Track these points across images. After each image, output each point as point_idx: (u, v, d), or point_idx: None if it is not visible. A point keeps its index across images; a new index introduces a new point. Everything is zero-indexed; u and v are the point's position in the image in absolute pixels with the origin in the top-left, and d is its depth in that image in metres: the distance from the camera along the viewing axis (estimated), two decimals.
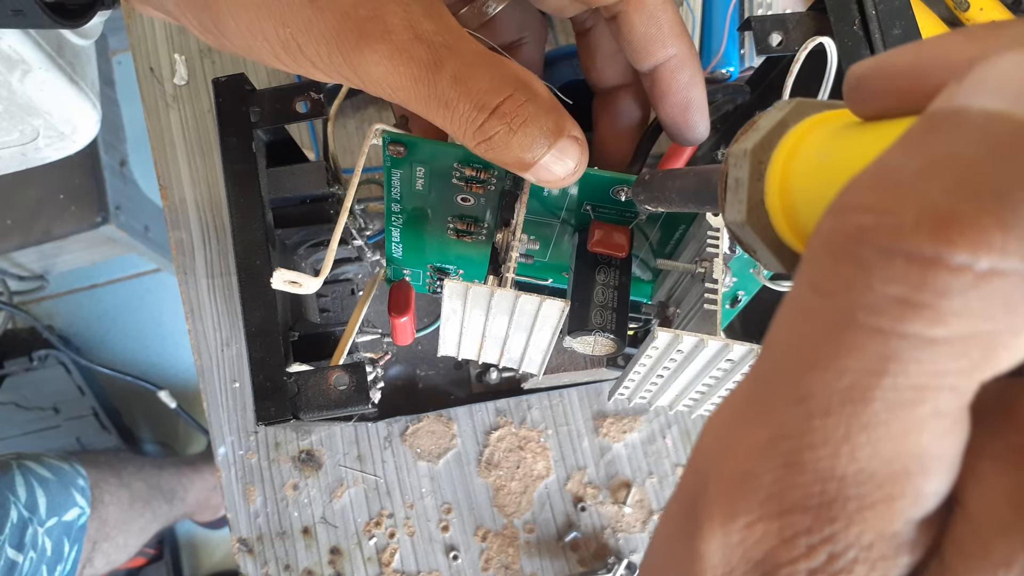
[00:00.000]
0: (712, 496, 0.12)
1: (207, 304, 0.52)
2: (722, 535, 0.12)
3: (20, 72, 0.39)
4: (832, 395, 0.11)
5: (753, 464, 0.12)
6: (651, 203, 0.27)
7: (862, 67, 0.14)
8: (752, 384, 0.13)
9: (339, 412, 0.34)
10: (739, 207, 0.17)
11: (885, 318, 0.10)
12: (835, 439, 0.11)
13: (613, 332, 0.31)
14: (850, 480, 0.11)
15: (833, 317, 0.11)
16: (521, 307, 0.28)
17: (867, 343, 0.10)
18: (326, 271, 0.28)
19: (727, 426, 0.13)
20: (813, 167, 0.15)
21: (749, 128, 0.17)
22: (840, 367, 0.11)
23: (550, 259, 0.37)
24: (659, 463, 0.52)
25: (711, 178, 0.21)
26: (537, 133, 0.24)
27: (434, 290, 0.41)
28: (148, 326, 1.26)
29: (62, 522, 0.76)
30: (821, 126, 0.16)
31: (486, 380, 0.52)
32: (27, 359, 1.09)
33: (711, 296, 0.28)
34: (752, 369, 0.13)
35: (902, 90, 0.13)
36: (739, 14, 0.52)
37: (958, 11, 0.55)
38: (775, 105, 0.17)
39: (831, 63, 0.33)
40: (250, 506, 0.50)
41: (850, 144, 0.14)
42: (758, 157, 0.16)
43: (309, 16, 0.22)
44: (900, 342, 0.10)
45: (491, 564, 0.50)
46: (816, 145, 0.15)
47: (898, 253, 0.10)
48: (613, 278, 0.32)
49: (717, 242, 0.29)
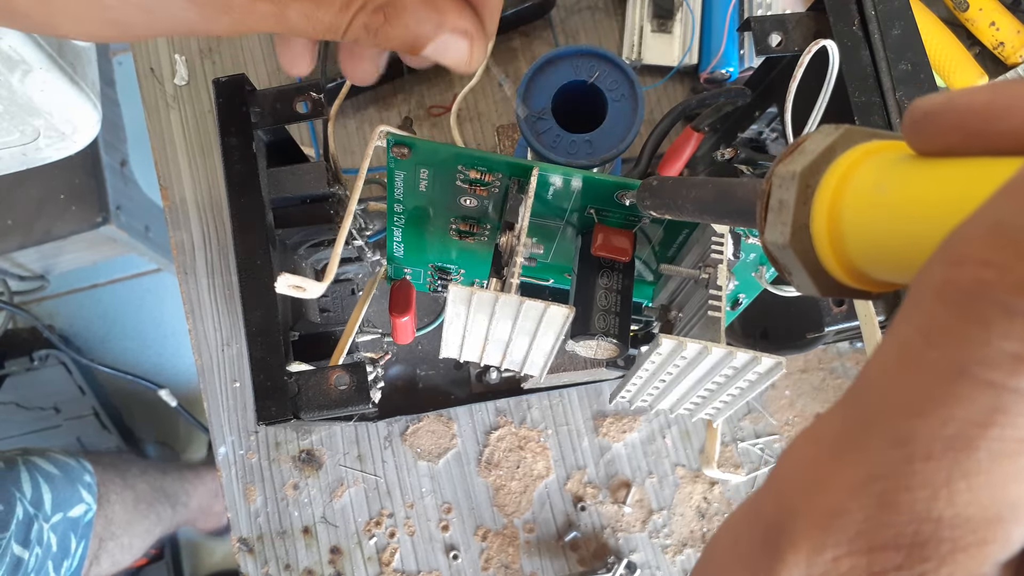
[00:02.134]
0: (799, 528, 0.13)
1: (207, 304, 0.52)
2: (806, 566, 0.12)
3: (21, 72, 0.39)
4: (936, 441, 0.11)
5: (846, 501, 0.12)
6: (657, 210, 0.26)
7: (930, 102, 0.14)
8: (846, 422, 0.13)
9: (339, 412, 0.34)
10: (782, 228, 0.17)
11: (999, 372, 0.10)
12: (935, 483, 0.11)
13: (616, 336, 0.31)
14: (946, 523, 0.11)
15: (945, 367, 0.11)
16: (525, 312, 0.28)
17: (978, 395, 0.11)
18: (330, 276, 0.28)
19: (816, 461, 0.13)
20: (869, 198, 0.15)
21: (794, 150, 0.17)
22: (947, 415, 0.11)
23: (552, 260, 0.37)
24: (659, 463, 0.52)
25: (734, 191, 0.21)
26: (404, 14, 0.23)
27: (435, 289, 0.41)
28: (148, 326, 1.26)
29: (68, 518, 0.76)
30: (874, 156, 0.16)
31: (486, 380, 0.52)
32: (28, 359, 1.09)
33: (715, 303, 0.28)
34: (844, 404, 0.13)
35: (974, 130, 0.13)
36: (739, 14, 0.52)
37: (957, 11, 0.55)
38: (821, 129, 0.17)
39: (833, 66, 0.33)
40: (250, 506, 0.50)
41: (915, 180, 0.14)
42: (806, 181, 0.16)
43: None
44: (1010, 396, 0.10)
45: (491, 564, 0.50)
46: (871, 176, 0.15)
47: (1018, 312, 0.10)
48: (616, 282, 0.32)
49: (721, 248, 0.29)
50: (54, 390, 1.11)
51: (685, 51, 0.53)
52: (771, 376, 0.27)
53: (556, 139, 0.36)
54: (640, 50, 0.53)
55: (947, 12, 0.56)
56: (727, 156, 0.45)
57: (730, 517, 0.16)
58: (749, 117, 0.43)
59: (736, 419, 0.53)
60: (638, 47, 0.53)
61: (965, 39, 0.55)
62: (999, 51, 0.54)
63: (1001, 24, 0.54)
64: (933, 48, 0.54)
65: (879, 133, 0.16)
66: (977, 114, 0.13)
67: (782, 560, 0.13)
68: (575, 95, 0.37)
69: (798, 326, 0.43)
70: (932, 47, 0.54)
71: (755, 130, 0.44)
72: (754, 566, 0.14)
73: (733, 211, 0.21)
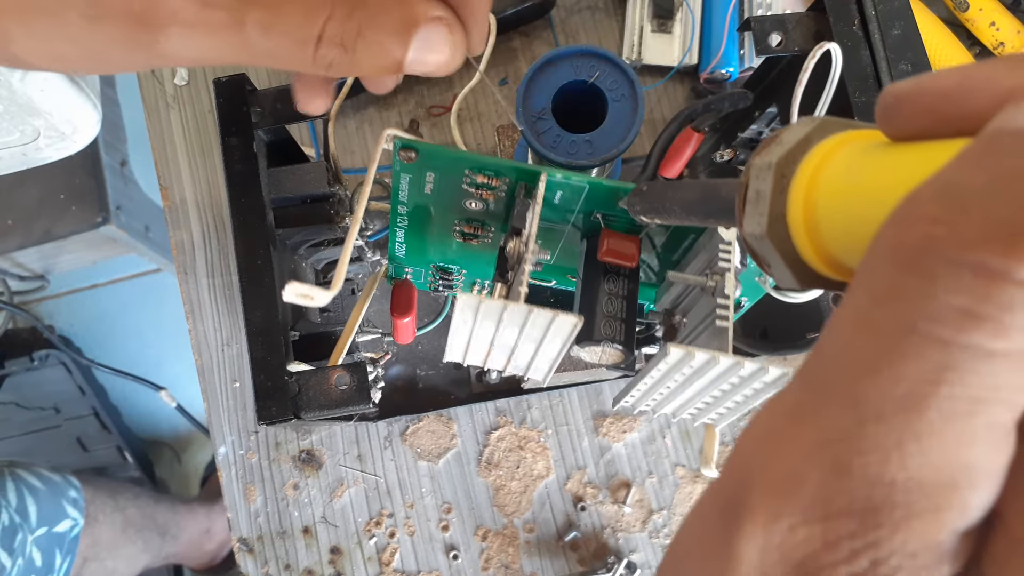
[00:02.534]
0: (755, 497, 0.12)
1: (207, 304, 0.52)
2: (763, 536, 0.12)
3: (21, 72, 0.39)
4: (886, 401, 0.11)
5: (800, 467, 0.12)
6: (648, 215, 0.26)
7: (900, 88, 0.14)
8: (801, 389, 0.13)
9: (340, 412, 0.34)
10: (759, 219, 0.17)
11: (947, 328, 0.10)
12: (886, 445, 0.11)
13: (621, 343, 0.31)
14: (899, 487, 0.11)
15: (893, 325, 0.11)
16: (533, 321, 0.27)
17: (926, 352, 0.10)
18: (338, 285, 0.28)
19: (772, 430, 0.13)
20: (841, 185, 0.15)
21: (772, 142, 0.17)
22: (897, 374, 0.11)
23: (556, 261, 0.37)
24: (659, 463, 0.52)
25: (718, 190, 0.21)
26: (382, 37, 0.21)
27: (435, 288, 0.41)
28: (148, 326, 1.26)
29: (53, 532, 0.75)
30: (847, 144, 0.16)
31: (486, 380, 0.52)
32: (28, 359, 1.09)
33: (722, 312, 0.28)
34: (800, 375, 0.13)
35: (943, 113, 0.13)
36: (739, 14, 0.52)
37: (957, 11, 0.55)
38: (798, 121, 0.17)
39: (835, 69, 0.33)
40: (250, 506, 0.50)
41: (885, 163, 0.14)
42: (782, 171, 0.16)
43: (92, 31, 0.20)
44: (960, 353, 0.10)
45: (491, 564, 0.50)
46: (844, 163, 0.15)
47: (965, 264, 0.10)
48: (621, 288, 0.32)
49: (729, 256, 0.29)
50: (54, 390, 1.11)
51: (685, 51, 0.53)
52: (777, 385, 0.26)
53: (556, 139, 0.36)
54: (640, 50, 0.53)
55: (947, 12, 0.56)
56: (726, 157, 0.45)
57: (697, 499, 0.16)
58: (749, 117, 0.43)
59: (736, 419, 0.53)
60: (638, 47, 0.53)
61: (965, 39, 0.55)
62: (999, 51, 0.54)
63: (1001, 24, 0.54)
64: (933, 48, 0.54)
65: (855, 124, 0.17)
66: (946, 97, 0.13)
67: (740, 530, 0.12)
68: (575, 95, 0.37)
69: (798, 326, 0.43)
70: (932, 47, 0.54)
71: (755, 130, 0.44)
72: (714, 540, 0.13)
73: (717, 210, 0.21)
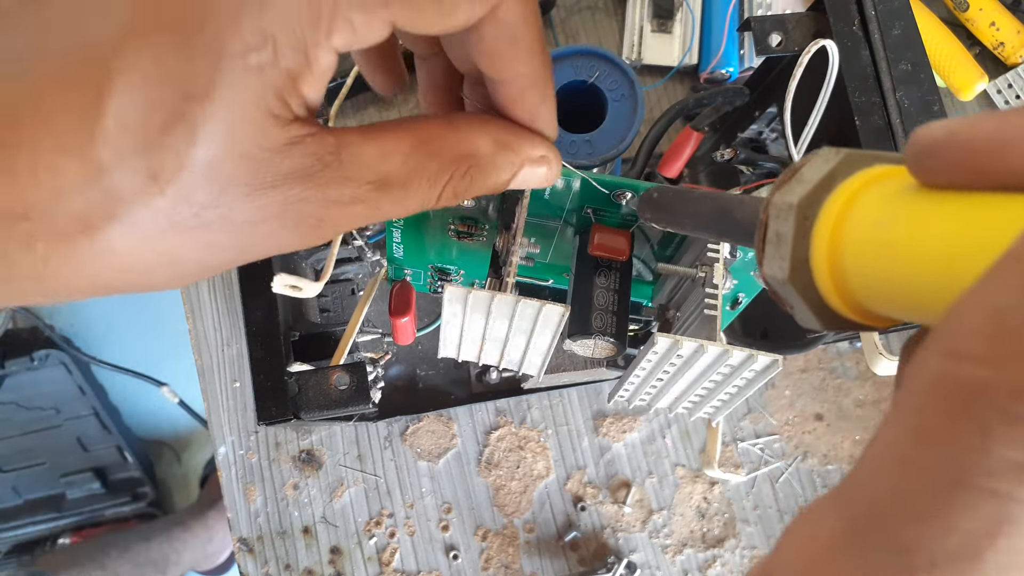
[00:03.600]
0: None
1: (207, 304, 0.52)
2: None
3: None
4: (939, 553, 0.11)
5: None
6: (659, 223, 0.26)
7: (933, 134, 0.13)
8: (843, 521, 0.13)
9: (340, 412, 0.34)
10: (781, 263, 0.16)
11: (1003, 482, 0.10)
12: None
13: (613, 336, 0.31)
14: None
15: (945, 475, 0.11)
16: (521, 311, 0.28)
17: (982, 505, 0.10)
18: (326, 275, 0.29)
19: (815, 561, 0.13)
20: (871, 236, 0.14)
21: (791, 177, 0.16)
22: (950, 525, 0.11)
23: (550, 260, 0.37)
24: (659, 463, 0.52)
25: (731, 211, 0.20)
26: (491, 184, 0.23)
27: (435, 290, 0.41)
28: (148, 326, 1.26)
29: None
30: (875, 185, 0.15)
31: (486, 380, 0.52)
32: (28, 359, 1.09)
33: (711, 301, 0.28)
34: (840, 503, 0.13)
35: (978, 168, 0.12)
36: (739, 14, 0.52)
37: (957, 11, 0.55)
38: (818, 154, 0.16)
39: (832, 66, 0.33)
40: (250, 506, 0.50)
41: (918, 219, 0.13)
42: (804, 213, 0.15)
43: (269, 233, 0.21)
44: (1017, 506, 0.10)
45: (491, 564, 0.50)
46: (874, 210, 0.14)
47: (1020, 417, 0.10)
48: (613, 281, 0.32)
49: (717, 247, 0.29)
50: (54, 390, 1.11)
51: (685, 51, 0.53)
52: (768, 374, 0.27)
53: (556, 139, 0.36)
54: (640, 50, 0.53)
55: (947, 12, 0.56)
56: (726, 156, 0.45)
57: None
58: (749, 117, 0.43)
59: (736, 419, 0.53)
60: (638, 47, 0.53)
61: (965, 39, 0.55)
62: (999, 51, 0.54)
63: (1001, 24, 0.54)
64: (933, 48, 0.54)
65: (881, 156, 0.16)
66: (981, 152, 0.12)
67: None
68: (575, 95, 0.37)
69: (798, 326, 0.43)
70: (932, 47, 0.54)
71: (755, 130, 0.44)
72: None
73: (731, 232, 0.21)
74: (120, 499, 1.16)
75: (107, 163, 0.17)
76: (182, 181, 0.18)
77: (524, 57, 0.22)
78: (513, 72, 0.23)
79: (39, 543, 1.14)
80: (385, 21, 0.19)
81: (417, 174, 0.22)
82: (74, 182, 0.17)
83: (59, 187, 0.17)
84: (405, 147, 0.21)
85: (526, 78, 0.23)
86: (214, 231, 0.19)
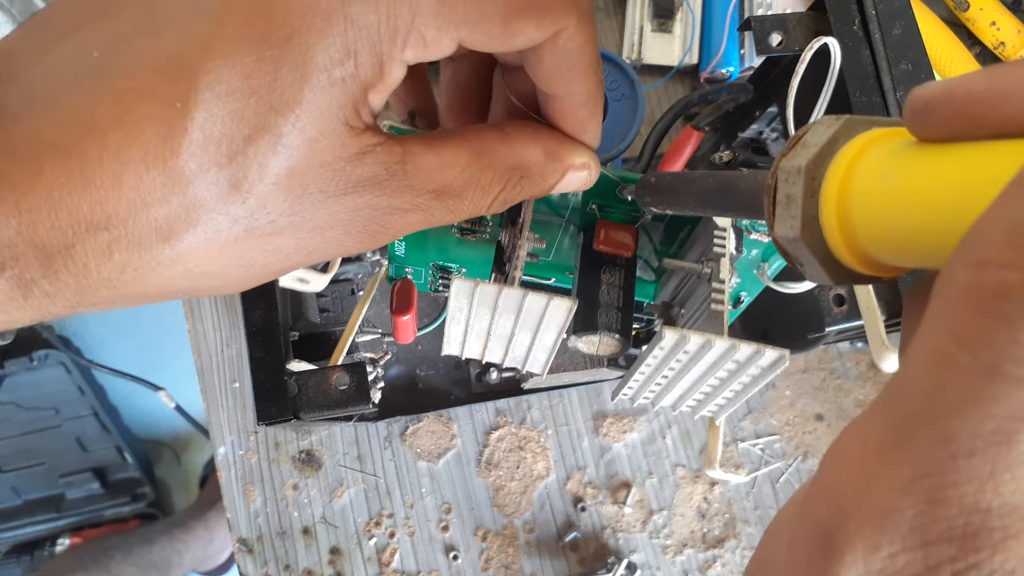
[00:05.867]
0: (853, 528, 0.13)
1: (207, 304, 0.52)
2: (863, 563, 0.13)
3: None
4: (977, 438, 0.12)
5: (897, 500, 0.13)
6: (659, 206, 0.26)
7: (930, 91, 0.14)
8: (889, 423, 0.14)
9: (340, 412, 0.34)
10: (792, 223, 0.17)
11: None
12: (981, 477, 0.12)
13: (619, 332, 0.31)
14: (994, 513, 0.12)
15: (980, 367, 0.12)
16: (528, 306, 0.27)
17: (1014, 392, 0.11)
18: (334, 268, 0.28)
19: (863, 463, 0.14)
20: (876, 187, 0.15)
21: (796, 144, 0.17)
22: (986, 413, 0.12)
23: (554, 258, 0.37)
24: (659, 463, 0.52)
25: (735, 184, 0.21)
26: (537, 191, 0.24)
27: (436, 288, 0.41)
28: (148, 326, 1.26)
29: None
30: (876, 144, 0.16)
31: (486, 380, 0.52)
32: (27, 359, 1.09)
33: (717, 296, 0.28)
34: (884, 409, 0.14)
35: (976, 117, 0.13)
36: (739, 14, 0.52)
37: (958, 11, 0.55)
38: (821, 121, 0.17)
39: (834, 63, 0.33)
40: (250, 506, 0.50)
41: (921, 168, 0.14)
42: (811, 174, 0.16)
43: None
44: None
45: (491, 564, 0.50)
46: (877, 164, 0.15)
47: None
48: (618, 277, 0.32)
49: (723, 242, 0.29)
50: (54, 390, 1.11)
51: (685, 51, 0.53)
52: (775, 369, 0.26)
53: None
54: (640, 50, 0.53)
55: (948, 12, 0.56)
56: (726, 159, 0.45)
57: (778, 520, 0.17)
58: (749, 117, 0.43)
59: (736, 419, 0.53)
60: (638, 47, 0.53)
61: (966, 39, 0.55)
62: (1000, 51, 0.54)
63: (1002, 24, 0.54)
64: (934, 48, 0.54)
65: (879, 120, 0.17)
66: (978, 102, 0.13)
67: (840, 559, 0.13)
68: None
69: (799, 326, 0.43)
70: (933, 47, 0.54)
71: (755, 130, 0.44)
72: (812, 566, 0.14)
73: (736, 205, 0.21)
74: (119, 499, 1.16)
75: (191, 174, 0.17)
76: (263, 190, 0.18)
77: (580, 79, 0.23)
78: (568, 91, 0.23)
79: (38, 543, 1.14)
80: (454, 39, 0.20)
81: (472, 184, 0.23)
82: (158, 194, 0.17)
83: (142, 199, 0.17)
84: (463, 158, 0.22)
85: (579, 96, 0.24)
86: (285, 236, 0.20)
